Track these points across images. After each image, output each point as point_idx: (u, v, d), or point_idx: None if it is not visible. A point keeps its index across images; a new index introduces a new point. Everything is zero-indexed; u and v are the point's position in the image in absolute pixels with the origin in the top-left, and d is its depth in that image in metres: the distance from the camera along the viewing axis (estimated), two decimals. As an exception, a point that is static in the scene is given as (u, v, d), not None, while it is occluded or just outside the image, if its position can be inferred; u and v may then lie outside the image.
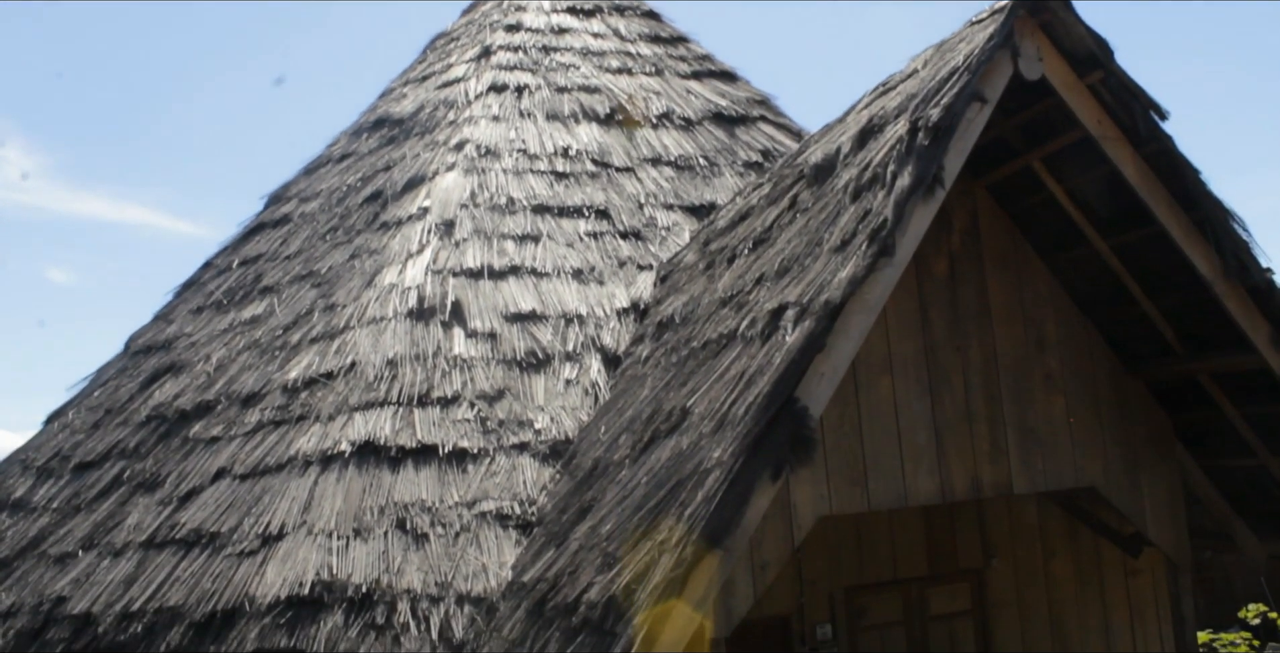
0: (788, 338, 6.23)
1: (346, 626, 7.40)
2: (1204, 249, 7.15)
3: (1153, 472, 8.12)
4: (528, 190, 11.46)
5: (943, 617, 9.83)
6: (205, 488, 9.28)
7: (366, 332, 9.72)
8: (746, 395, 6.14)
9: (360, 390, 9.09)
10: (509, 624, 7.09)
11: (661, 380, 7.97)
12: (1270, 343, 7.20)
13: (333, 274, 11.18)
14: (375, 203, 12.00)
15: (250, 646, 7.41)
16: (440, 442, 8.58)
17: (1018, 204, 7.95)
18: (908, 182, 6.49)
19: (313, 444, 8.79)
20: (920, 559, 9.73)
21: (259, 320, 11.43)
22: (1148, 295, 7.77)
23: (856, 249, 6.39)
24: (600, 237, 11.04)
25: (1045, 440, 7.78)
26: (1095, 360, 8.05)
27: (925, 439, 7.40)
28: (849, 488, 7.10)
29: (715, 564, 5.89)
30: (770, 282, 7.24)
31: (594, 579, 6.24)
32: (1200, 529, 8.95)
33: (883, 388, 7.31)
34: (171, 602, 8.15)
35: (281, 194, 14.60)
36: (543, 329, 9.80)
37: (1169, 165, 7.10)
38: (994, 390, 7.66)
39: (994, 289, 7.80)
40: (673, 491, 6.19)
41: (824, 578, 9.33)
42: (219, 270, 13.57)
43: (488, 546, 7.91)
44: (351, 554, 7.82)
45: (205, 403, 10.49)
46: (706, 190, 12.04)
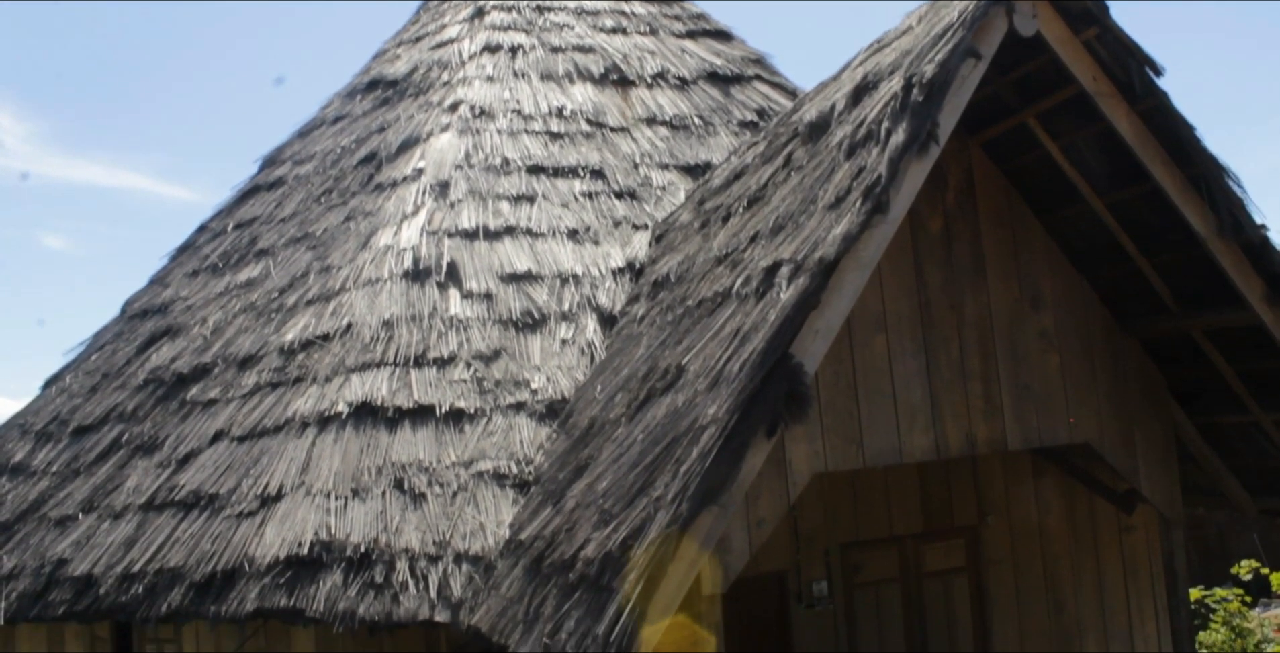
0: (782, 295, 6.23)
1: (345, 585, 7.46)
2: (1199, 206, 7.13)
3: (1146, 428, 8.16)
4: (522, 151, 11.42)
5: (938, 573, 9.91)
6: (203, 450, 9.33)
7: (362, 293, 9.73)
8: (741, 353, 6.16)
9: (357, 352, 9.11)
10: (506, 582, 7.14)
11: (657, 339, 7.98)
12: (1264, 300, 7.21)
13: (328, 236, 11.17)
14: (370, 164, 11.97)
15: (250, 605, 7.48)
16: (437, 402, 8.61)
17: (1012, 162, 7.92)
18: (902, 138, 6.46)
19: (310, 406, 8.82)
20: (915, 517, 9.80)
21: (255, 283, 11.43)
22: (1143, 253, 7.77)
23: (851, 206, 6.38)
24: (595, 197, 11.02)
25: (1040, 397, 7.80)
26: (1090, 318, 8.06)
27: (920, 397, 7.42)
28: (844, 445, 7.13)
29: (710, 520, 5.94)
30: (765, 240, 7.23)
31: (591, 536, 6.28)
32: (1193, 486, 9.01)
33: (877, 346, 7.32)
34: (172, 563, 8.22)
35: (276, 157, 14.55)
36: (538, 289, 9.80)
37: (1164, 122, 7.07)
38: (989, 348, 7.67)
39: (989, 247, 7.79)
40: (668, 448, 6.21)
41: (820, 535, 9.40)
42: (214, 234, 13.55)
43: (485, 505, 7.96)
44: (350, 514, 7.87)
45: (202, 366, 10.52)
46: (701, 150, 12.00)
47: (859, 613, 9.56)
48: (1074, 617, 10.33)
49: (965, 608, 9.98)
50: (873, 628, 9.61)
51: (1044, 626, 10.18)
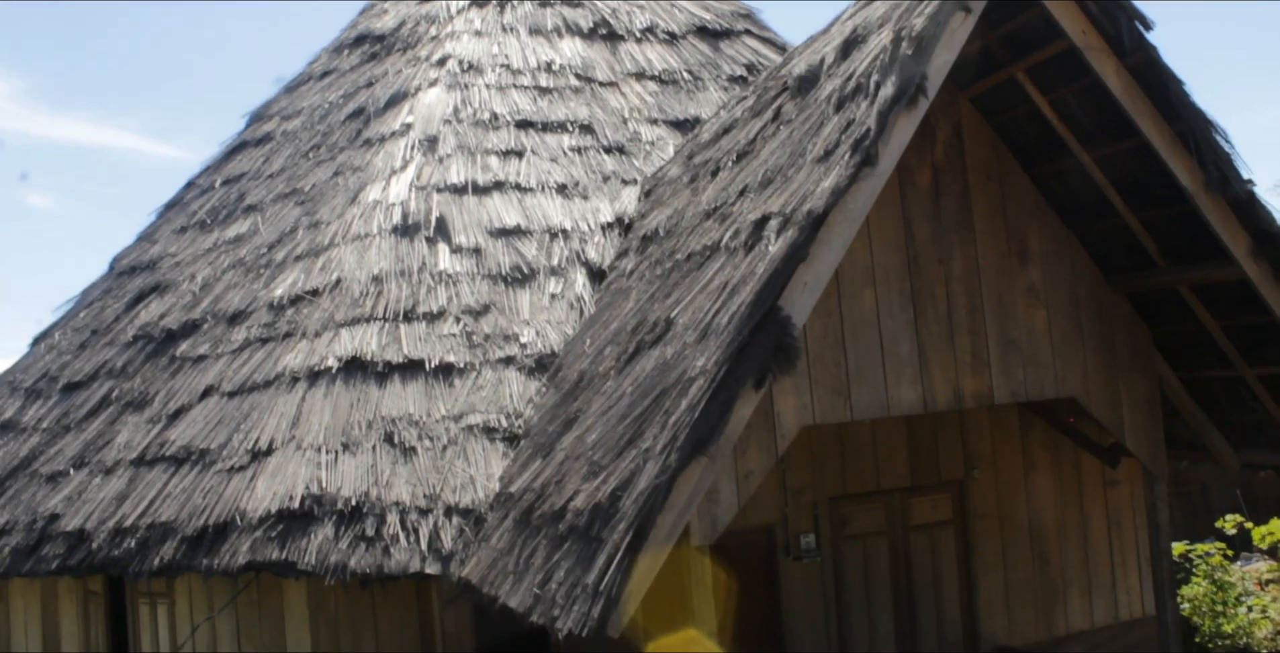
0: (771, 248, 6.25)
1: (337, 538, 7.52)
2: (1186, 161, 7.14)
3: (1132, 383, 8.21)
4: (511, 105, 11.37)
5: (924, 527, 10.01)
6: (194, 406, 9.35)
7: (351, 248, 9.71)
8: (730, 305, 6.18)
9: (346, 307, 9.12)
10: (496, 534, 7.21)
11: (646, 293, 8.00)
12: (1250, 254, 7.24)
13: (316, 192, 11.13)
14: (358, 120, 11.90)
15: (242, 559, 7.54)
16: (427, 356, 8.64)
17: (1001, 116, 7.91)
18: (891, 92, 6.46)
19: (300, 361, 8.83)
20: (903, 470, 9.88)
21: (243, 239, 11.40)
22: (1130, 208, 7.78)
23: (839, 159, 6.38)
24: (584, 151, 10.99)
25: (1026, 352, 7.84)
26: (1077, 273, 8.08)
27: (908, 350, 7.46)
28: (832, 398, 7.18)
29: (699, 471, 5.99)
30: (754, 193, 7.23)
31: (580, 488, 6.34)
32: (1177, 440, 9.09)
33: (866, 299, 7.35)
34: (163, 517, 8.26)
35: (263, 112, 14.46)
36: (527, 244, 9.80)
37: (1153, 77, 7.05)
38: (976, 302, 7.70)
39: (977, 201, 7.80)
40: (657, 400, 6.25)
41: (808, 489, 9.47)
42: (201, 190, 13.49)
43: (475, 458, 8.01)
44: (340, 468, 7.92)
45: (191, 322, 10.52)
46: (690, 104, 11.96)
47: (846, 566, 9.67)
48: (1058, 569, 10.45)
49: (951, 561, 10.10)
50: (859, 581, 9.72)
51: (1028, 578, 10.31)
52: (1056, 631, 10.42)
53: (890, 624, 9.82)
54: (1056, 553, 10.47)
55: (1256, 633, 12.78)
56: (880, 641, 9.76)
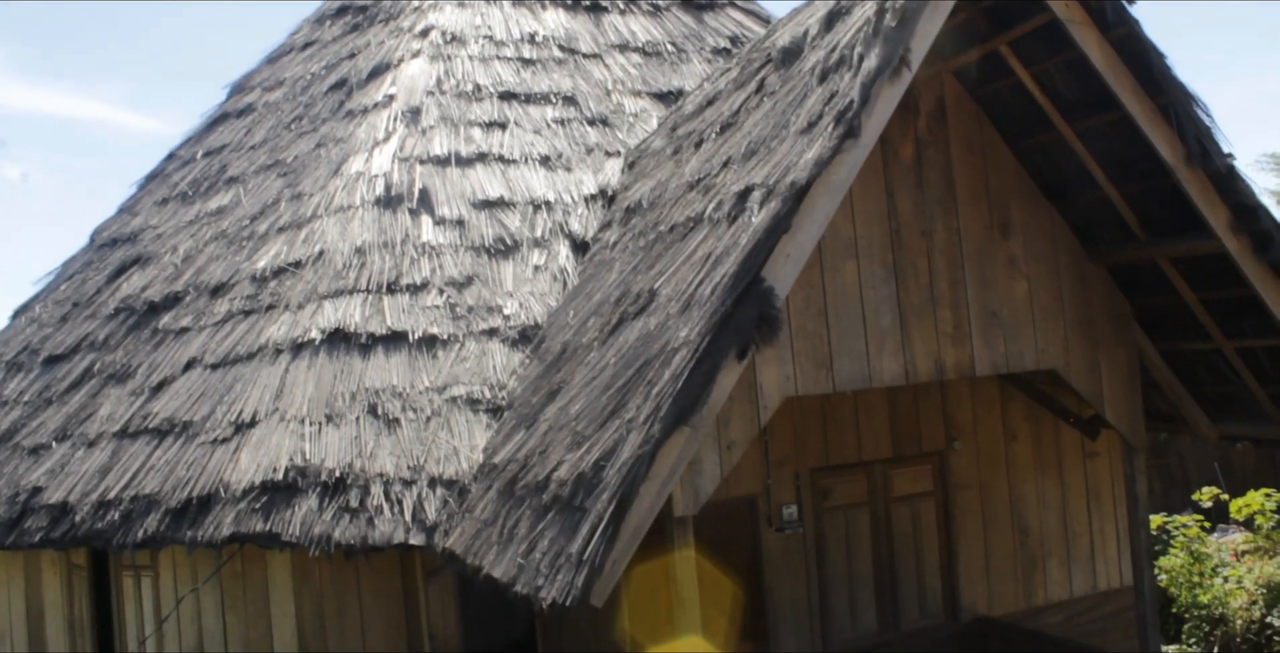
0: (754, 219, 6.26)
1: (321, 509, 7.54)
2: (1167, 135, 7.16)
3: (1111, 355, 8.27)
4: (494, 77, 11.33)
5: (906, 498, 10.09)
6: (176, 378, 9.33)
7: (334, 220, 9.69)
8: (713, 276, 6.20)
9: (329, 279, 9.10)
10: (480, 505, 7.24)
11: (629, 264, 8.01)
12: (1229, 228, 7.28)
13: (299, 163, 11.09)
14: (340, 91, 11.84)
15: (226, 530, 7.55)
16: (410, 328, 8.65)
17: (984, 89, 7.92)
18: (874, 63, 6.47)
19: (283, 333, 8.83)
20: (884, 442, 9.94)
21: (225, 211, 11.36)
22: (1111, 181, 7.81)
23: (823, 131, 6.39)
24: (567, 123, 10.97)
25: (1007, 324, 7.89)
26: (1058, 245, 8.12)
27: (890, 322, 7.49)
28: (815, 369, 7.21)
29: (682, 441, 6.03)
30: (737, 165, 7.24)
31: (564, 458, 6.37)
32: (1155, 412, 9.17)
33: (848, 271, 7.38)
34: (147, 490, 8.26)
35: (244, 83, 14.37)
36: (511, 216, 9.79)
37: (1135, 50, 7.07)
38: (958, 274, 7.74)
39: (960, 174, 7.82)
40: (640, 370, 6.28)
41: (790, 460, 9.53)
42: (183, 162, 13.41)
43: (459, 429, 8.04)
44: (324, 440, 7.93)
45: (174, 294, 10.48)
46: (674, 77, 11.93)
47: (828, 537, 9.74)
48: (1038, 540, 10.56)
49: (932, 532, 10.18)
50: (841, 551, 9.80)
51: (1009, 549, 10.41)
52: (1036, 601, 10.53)
53: (871, 595, 9.91)
54: (1036, 524, 10.57)
55: (1232, 603, 12.94)
56: (861, 611, 9.86)
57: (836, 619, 9.74)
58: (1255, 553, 14.06)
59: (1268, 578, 12.82)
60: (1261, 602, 12.61)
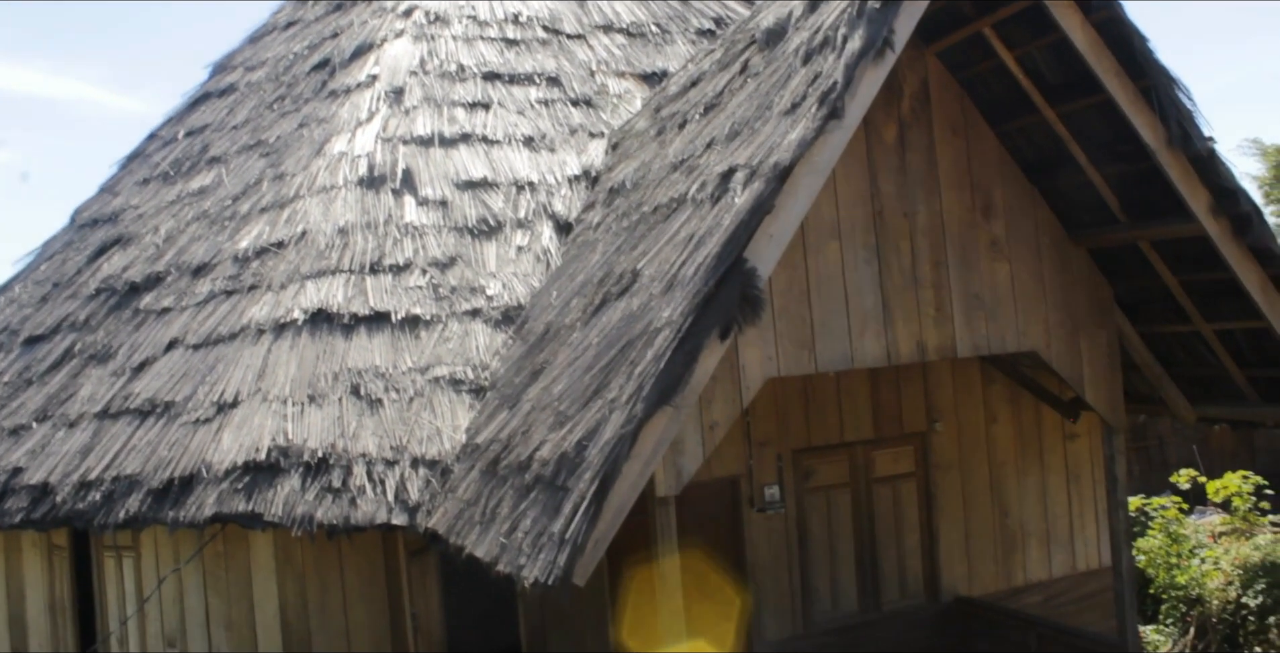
0: (737, 200, 6.27)
1: (303, 489, 7.54)
2: (1149, 118, 7.19)
3: (1092, 337, 8.32)
4: (478, 57, 11.29)
5: (887, 479, 10.15)
6: (158, 358, 9.30)
7: (317, 200, 9.66)
8: (696, 257, 6.21)
9: (312, 259, 9.08)
10: (463, 485, 7.25)
11: (612, 245, 8.01)
12: (1209, 211, 7.32)
13: (281, 143, 11.03)
14: (323, 71, 11.78)
15: (208, 511, 7.54)
16: (393, 309, 8.63)
17: (968, 71, 7.93)
18: (858, 45, 6.47)
19: (265, 313, 8.80)
20: (866, 423, 9.99)
21: (207, 191, 11.30)
22: (1093, 164, 7.84)
23: (806, 112, 6.39)
24: (551, 104, 10.95)
25: (989, 305, 7.92)
26: (1040, 228, 8.15)
27: (872, 303, 7.51)
28: (797, 350, 7.23)
29: (665, 421, 6.05)
30: (720, 145, 7.24)
31: (546, 438, 6.38)
32: (1135, 394, 9.23)
33: (831, 253, 7.39)
34: (129, 470, 8.24)
35: (226, 63, 14.28)
36: (494, 196, 9.78)
37: (1118, 33, 7.09)
38: (940, 256, 7.76)
39: (943, 156, 7.83)
40: (623, 350, 6.29)
41: (772, 441, 9.57)
42: (164, 141, 13.33)
43: (441, 410, 8.04)
44: (307, 420, 7.92)
45: (155, 274, 10.43)
46: (658, 58, 11.91)
47: (810, 517, 9.79)
48: (1018, 521, 10.63)
49: (913, 512, 10.25)
50: (823, 532, 9.85)
51: (989, 529, 10.48)
52: (1015, 581, 10.62)
53: (853, 575, 9.98)
54: (1016, 505, 10.64)
55: (1208, 584, 13.05)
56: (843, 591, 9.92)
57: (818, 599, 9.81)
58: (1232, 534, 14.19)
59: (1244, 559, 12.93)
60: (1237, 582, 12.72)
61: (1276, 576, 12.54)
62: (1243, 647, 12.53)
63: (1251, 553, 12.98)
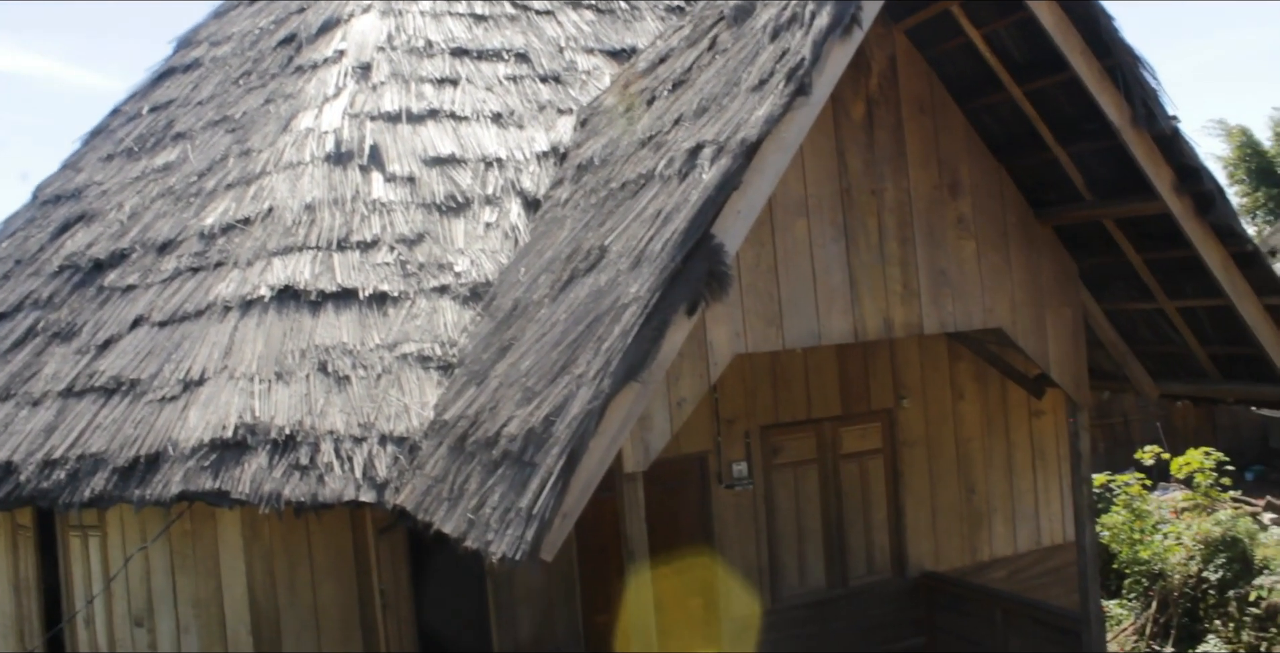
0: (704, 176, 6.28)
1: (271, 467, 7.51)
2: (1114, 96, 7.23)
3: (1057, 314, 8.38)
4: (446, 33, 11.21)
5: (854, 455, 10.22)
6: (123, 336, 9.22)
7: (283, 177, 9.58)
8: (664, 233, 6.21)
9: (279, 235, 9.02)
10: (431, 461, 7.25)
11: (581, 221, 8.00)
12: (1173, 189, 7.38)
13: (247, 119, 10.93)
14: (289, 46, 11.66)
15: (175, 489, 7.51)
16: (360, 285, 8.60)
17: (936, 49, 7.94)
18: (826, 21, 6.48)
19: (232, 290, 8.74)
20: (834, 400, 10.05)
21: (172, 167, 11.19)
22: (1059, 142, 7.88)
23: (774, 88, 6.40)
24: (520, 80, 10.90)
25: (955, 283, 7.97)
26: (1006, 205, 8.20)
27: (839, 280, 7.54)
28: (764, 327, 7.26)
29: (632, 397, 6.07)
30: (688, 122, 7.24)
31: (514, 414, 6.38)
32: (1100, 370, 9.32)
33: (799, 230, 7.41)
34: (94, 448, 8.17)
35: (191, 38, 14.10)
36: (462, 173, 9.73)
37: (1084, 11, 7.12)
38: (907, 233, 7.80)
39: (910, 133, 7.86)
40: (590, 326, 6.30)
41: (740, 418, 9.61)
42: (128, 117, 13.17)
43: (409, 387, 8.02)
44: (274, 397, 7.89)
45: (120, 251, 10.33)
46: (627, 34, 11.87)
47: (777, 493, 9.85)
48: (984, 497, 10.73)
49: (880, 488, 10.33)
50: (790, 508, 9.92)
51: (955, 505, 10.58)
52: (981, 556, 10.73)
53: (820, 551, 10.05)
54: (982, 481, 10.74)
55: (1170, 559, 13.23)
56: (810, 567, 10.00)
57: (785, 575, 9.88)
58: (1194, 510, 14.38)
59: (1205, 534, 13.12)
60: (1199, 557, 12.91)
61: (1236, 550, 12.74)
62: (1203, 620, 12.72)
63: (1212, 528, 13.17)
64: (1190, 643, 12.65)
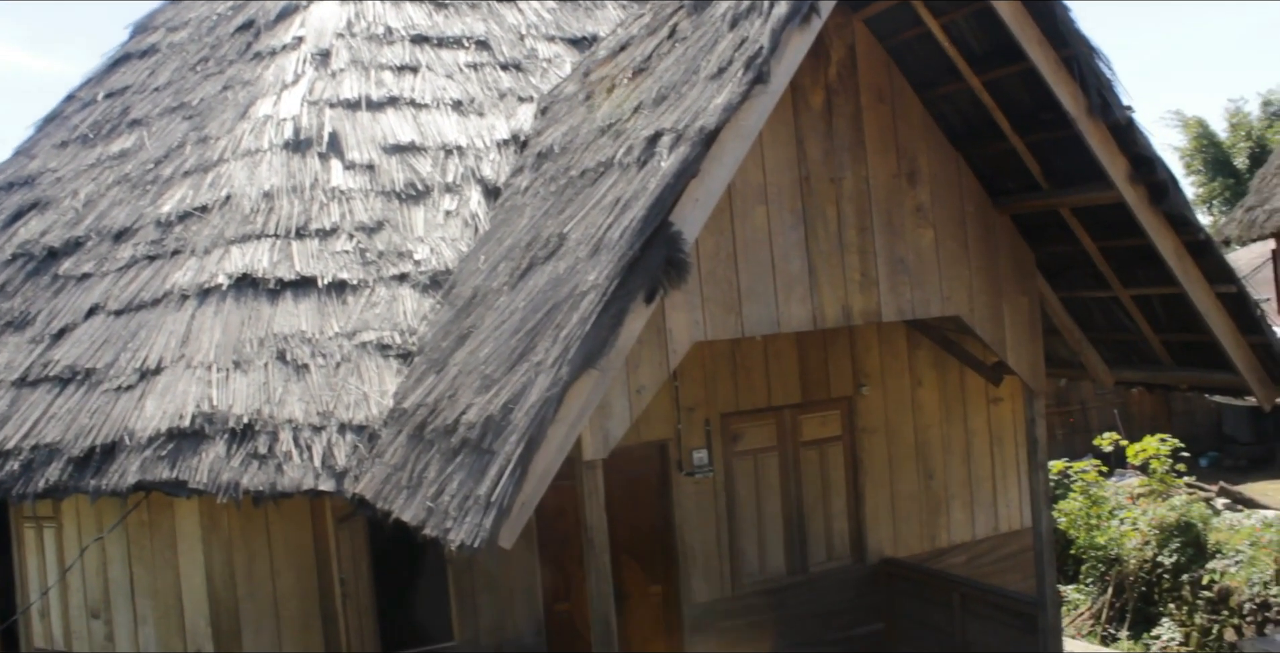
0: (663, 164, 6.28)
1: (229, 456, 7.47)
2: (1070, 87, 7.29)
3: (1014, 302, 8.46)
4: (406, 20, 11.15)
5: (814, 442, 10.27)
6: (78, 325, 9.12)
7: (241, 164, 9.51)
8: (622, 221, 6.22)
9: (237, 223, 8.95)
10: (390, 450, 7.23)
11: (540, 209, 8.00)
12: (1127, 178, 7.46)
13: (205, 106, 10.83)
14: (248, 32, 11.56)
15: (131, 478, 7.44)
16: (319, 273, 8.55)
17: (895, 39, 7.98)
18: (784, 10, 6.50)
19: (189, 278, 8.67)
20: (794, 388, 10.09)
21: (128, 154, 11.07)
22: (1016, 131, 7.95)
23: (732, 77, 6.41)
24: (480, 68, 10.85)
25: (914, 270, 8.02)
26: (964, 194, 8.26)
27: (798, 268, 7.58)
28: (724, 314, 7.28)
29: (590, 384, 6.08)
30: (648, 110, 7.25)
31: (473, 401, 6.38)
32: (1056, 358, 9.43)
33: (758, 217, 7.43)
34: (48, 439, 8.09)
35: (148, 23, 13.93)
36: (422, 161, 9.69)
37: (1041, 2, 7.18)
38: (866, 221, 7.84)
39: (869, 122, 7.90)
40: (549, 314, 6.30)
41: (701, 406, 9.64)
42: (83, 103, 13.00)
43: (369, 375, 8.00)
44: (232, 386, 7.84)
45: (75, 239, 10.21)
46: (589, 22, 11.85)
47: (738, 481, 9.89)
48: (942, 484, 10.83)
49: (840, 475, 10.39)
50: (751, 495, 9.96)
51: (914, 492, 10.66)
52: (939, 543, 10.83)
53: (780, 537, 10.11)
54: (941, 468, 10.83)
55: (1126, 544, 13.43)
56: (770, 554, 10.05)
57: (746, 562, 9.93)
58: (1149, 496, 14.60)
59: (1160, 519, 13.32)
60: (1154, 542, 13.11)
61: (1190, 535, 12.95)
62: (1158, 604, 12.93)
63: (1168, 513, 13.38)
64: (1145, 626, 12.86)
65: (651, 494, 9.61)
